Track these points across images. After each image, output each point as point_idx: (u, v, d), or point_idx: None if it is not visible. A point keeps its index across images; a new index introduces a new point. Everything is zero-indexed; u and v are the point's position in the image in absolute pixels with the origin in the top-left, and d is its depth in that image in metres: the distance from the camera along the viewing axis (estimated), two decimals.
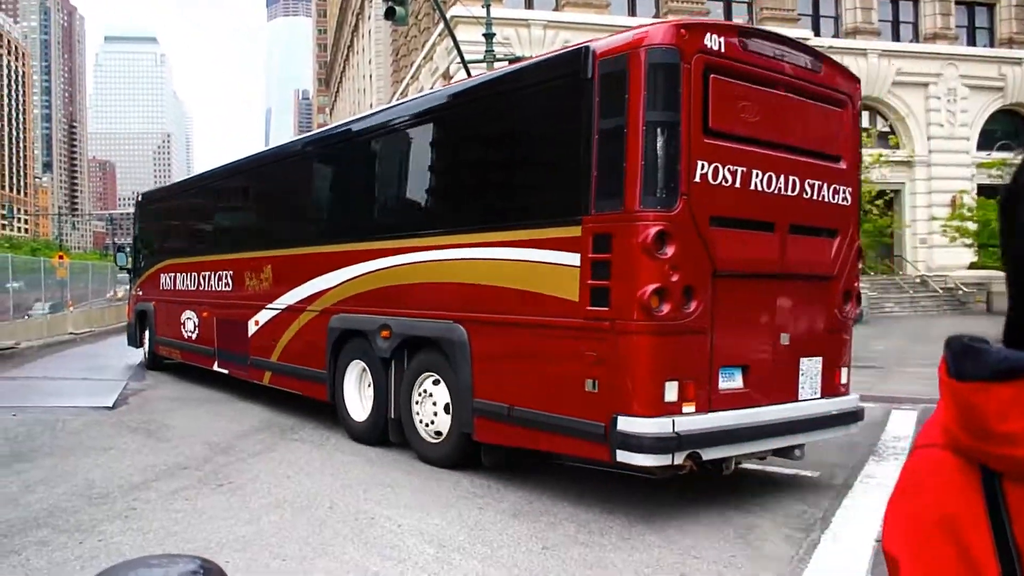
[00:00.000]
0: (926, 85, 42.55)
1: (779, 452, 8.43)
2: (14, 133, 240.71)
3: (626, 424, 7.00)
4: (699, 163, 7.21)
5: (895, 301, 37.00)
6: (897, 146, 43.00)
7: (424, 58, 42.92)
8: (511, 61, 18.98)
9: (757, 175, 7.65)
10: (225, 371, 13.88)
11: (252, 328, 12.95)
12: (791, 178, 7.92)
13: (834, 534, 6.75)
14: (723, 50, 7.39)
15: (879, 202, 38.04)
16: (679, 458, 6.99)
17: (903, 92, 42.65)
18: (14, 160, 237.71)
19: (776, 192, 7.83)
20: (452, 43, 24.17)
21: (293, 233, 12.23)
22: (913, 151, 42.70)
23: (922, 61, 42.49)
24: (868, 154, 35.74)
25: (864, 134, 33.05)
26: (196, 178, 16.68)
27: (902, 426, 11.30)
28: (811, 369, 8.25)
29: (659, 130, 7.04)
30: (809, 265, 8.27)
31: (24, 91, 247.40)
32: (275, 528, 6.84)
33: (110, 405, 12.54)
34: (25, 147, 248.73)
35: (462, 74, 23.02)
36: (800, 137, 8.04)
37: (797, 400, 8.11)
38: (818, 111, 8.29)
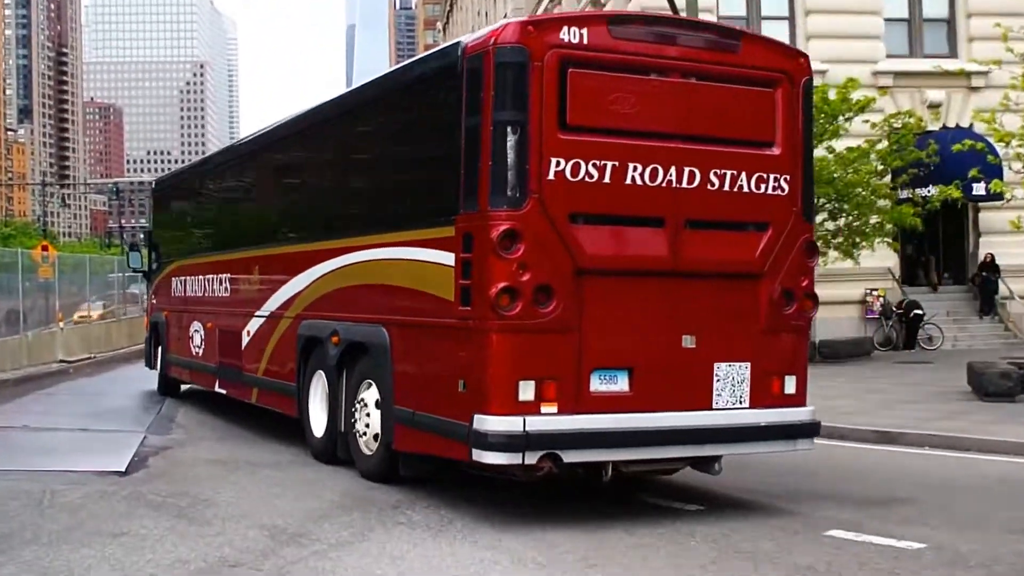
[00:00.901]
0: None
1: (697, 465, 8.80)
2: None
3: (480, 423, 7.57)
4: (553, 160, 7.68)
5: None
6: None
7: None
8: None
9: (636, 168, 7.93)
10: (224, 392, 14.12)
11: (245, 339, 13.06)
12: (687, 169, 8.10)
13: None
14: (585, 42, 7.78)
15: None
16: (531, 458, 7.57)
17: None
18: None
19: (664, 185, 8.05)
20: None
21: (268, 230, 12.79)
22: None
23: None
24: None
25: None
26: (200, 161, 16.98)
27: None
28: (733, 375, 8.34)
29: (507, 129, 7.59)
30: (719, 263, 8.37)
31: None
32: None
33: (122, 469, 10.63)
34: None
35: None
36: (703, 124, 8.22)
37: (711, 408, 8.23)
38: (733, 94, 8.39)
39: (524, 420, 7.51)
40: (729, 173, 8.30)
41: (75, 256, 41.61)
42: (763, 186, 8.48)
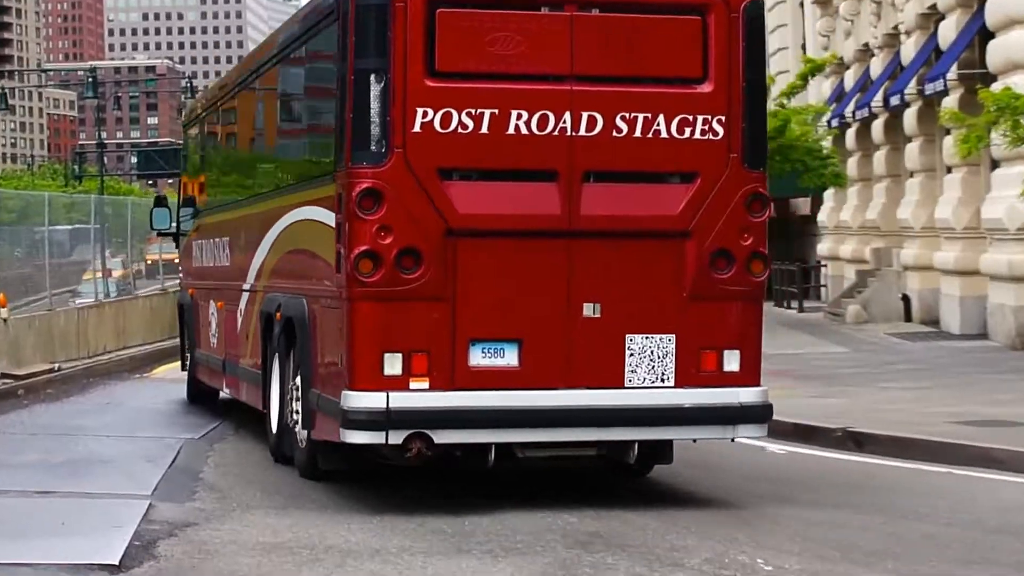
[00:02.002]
0: None
1: (611, 455, 8.84)
2: None
3: (344, 399, 8.06)
4: (420, 110, 7.97)
5: None
6: None
7: None
8: None
9: (520, 116, 8.08)
10: (229, 394, 14.18)
11: (239, 321, 13.05)
12: (586, 115, 8.14)
13: None
14: None
15: None
16: (396, 437, 7.95)
17: None
18: None
19: (557, 134, 8.13)
20: None
21: (242, 185, 13.14)
22: None
23: None
24: None
25: None
26: (235, 70, 15.83)
27: None
28: (652, 349, 8.32)
29: (370, 78, 7.95)
30: (629, 220, 8.37)
31: None
32: None
33: (115, 562, 8.24)
34: None
35: None
36: (608, 62, 8.28)
37: (622, 386, 8.27)
38: (648, 24, 8.36)
39: (387, 396, 7.87)
40: (642, 116, 8.25)
41: (22, 196, 30.44)
42: (688, 130, 8.34)
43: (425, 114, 7.87)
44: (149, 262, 34.02)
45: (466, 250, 7.97)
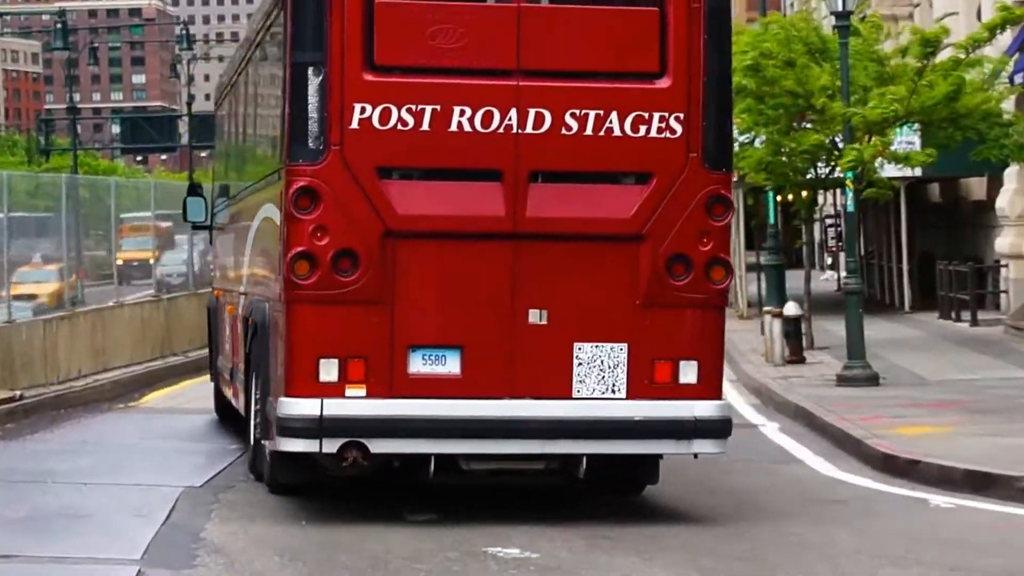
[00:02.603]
0: None
1: (563, 467, 10.36)
2: None
3: (280, 406, 9.77)
4: (358, 106, 9.55)
5: None
6: None
7: None
8: None
9: (463, 113, 9.58)
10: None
11: (237, 325, 14.61)
12: (533, 111, 9.65)
13: None
14: None
15: None
16: (331, 446, 9.56)
17: None
18: None
19: (502, 131, 9.65)
20: None
21: (234, 176, 15.87)
22: None
23: None
24: None
25: None
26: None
27: None
28: (602, 359, 9.77)
29: (307, 72, 9.64)
30: (578, 223, 9.84)
31: None
32: None
33: None
34: None
35: None
36: (557, 55, 9.81)
37: (570, 397, 9.77)
38: (601, 15, 9.95)
39: (322, 403, 9.40)
40: (594, 113, 9.60)
41: None
42: (644, 128, 9.65)
43: (363, 110, 9.45)
44: (120, 262, 31.65)
45: (406, 252, 9.51)
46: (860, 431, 15.26)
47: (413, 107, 9.44)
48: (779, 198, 32.34)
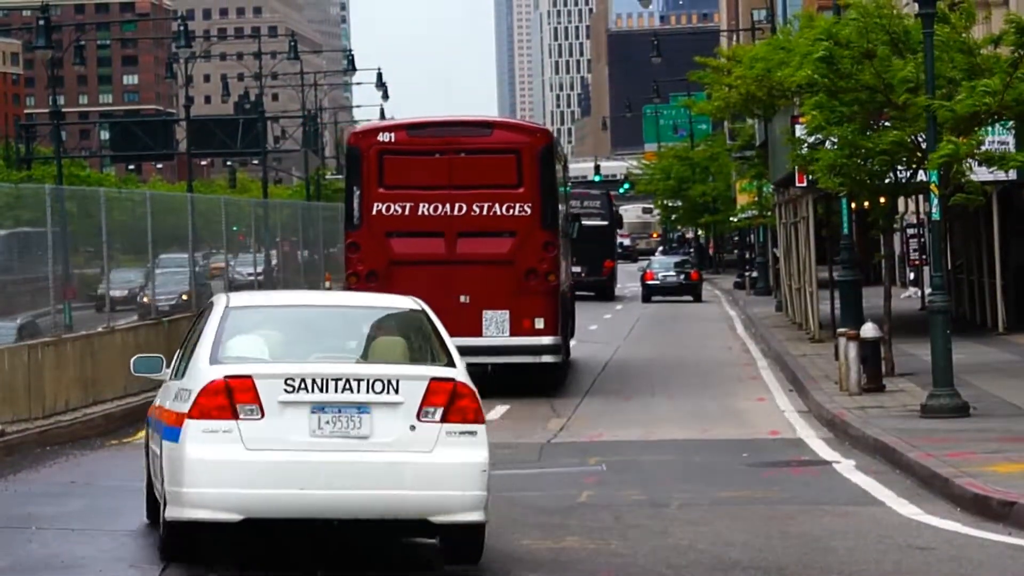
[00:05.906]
0: None
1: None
2: None
3: None
4: (376, 204, 28.62)
5: None
6: None
7: None
8: None
9: (424, 206, 28.28)
10: None
11: None
12: (457, 204, 28.01)
13: None
14: (393, 140, 29.21)
15: None
16: None
17: None
18: None
19: (443, 215, 28.20)
20: None
21: None
22: None
23: None
24: None
25: None
26: None
27: None
28: (497, 318, 27.77)
29: (353, 188, 29.36)
30: (482, 255, 27.93)
31: None
32: None
33: None
34: None
35: None
36: (469, 178, 28.21)
37: (481, 336, 27.72)
38: (490, 160, 28.54)
39: None
40: (487, 204, 27.87)
41: None
42: (511, 210, 27.85)
43: (378, 206, 28.09)
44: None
45: (399, 272, 26.93)
46: (948, 469, 15.19)
47: (401, 204, 27.55)
48: (854, 205, 32.12)
